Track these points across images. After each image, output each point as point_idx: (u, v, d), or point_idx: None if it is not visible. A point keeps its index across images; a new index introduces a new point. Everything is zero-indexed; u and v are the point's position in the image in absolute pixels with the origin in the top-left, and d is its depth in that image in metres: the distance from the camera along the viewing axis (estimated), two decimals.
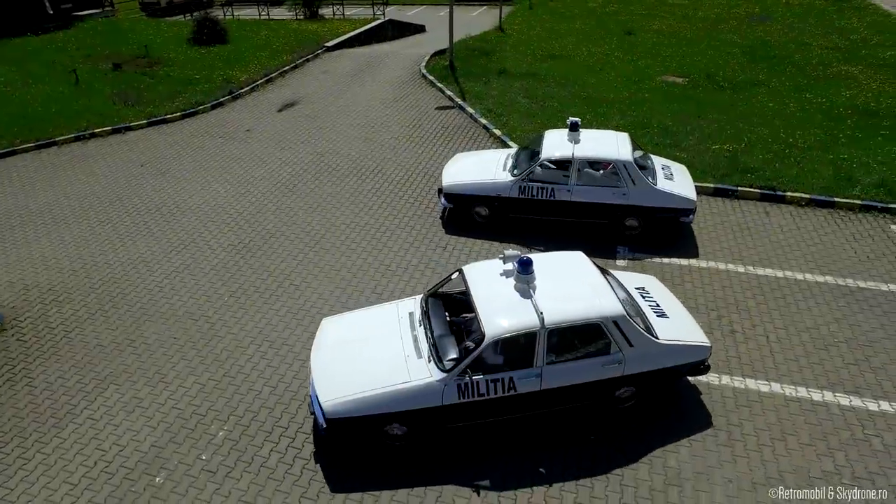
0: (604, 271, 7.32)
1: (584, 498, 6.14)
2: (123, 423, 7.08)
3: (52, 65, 21.14)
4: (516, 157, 11.23)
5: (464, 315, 7.26)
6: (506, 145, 14.51)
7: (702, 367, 7.04)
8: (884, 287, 9.33)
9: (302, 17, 30.02)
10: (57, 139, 15.17)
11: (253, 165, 13.75)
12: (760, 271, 9.79)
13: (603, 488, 6.24)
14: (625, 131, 12.05)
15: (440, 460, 6.53)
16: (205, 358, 8.04)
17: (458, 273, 7.22)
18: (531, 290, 6.59)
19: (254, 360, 7.98)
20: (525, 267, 6.61)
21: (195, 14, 25.62)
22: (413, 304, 7.31)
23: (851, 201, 11.72)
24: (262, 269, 9.91)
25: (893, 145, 14.55)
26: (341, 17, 31.39)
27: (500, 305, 6.48)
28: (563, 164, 10.29)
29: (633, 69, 21.88)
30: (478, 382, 6.28)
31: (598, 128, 15.43)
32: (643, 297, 7.46)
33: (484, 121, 15.92)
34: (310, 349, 8.04)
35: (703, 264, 9.95)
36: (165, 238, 10.89)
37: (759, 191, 12.11)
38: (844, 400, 7.29)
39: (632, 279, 7.96)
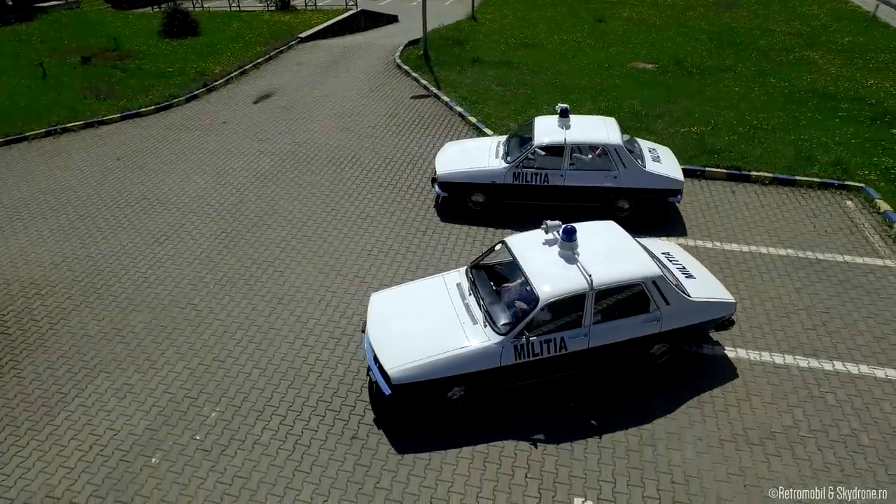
0: (634, 237, 7.81)
1: (565, 459, 6.51)
2: (116, 408, 7.23)
3: (17, 58, 20.70)
4: (507, 144, 11.45)
5: (505, 284, 7.63)
6: (481, 132, 14.80)
7: (727, 323, 7.65)
8: (839, 258, 9.88)
9: (273, 8, 29.74)
10: (27, 134, 14.98)
11: (231, 157, 13.80)
12: (727, 246, 10.27)
13: (582, 450, 6.62)
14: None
15: (494, 418, 6.97)
16: (193, 344, 8.20)
17: (500, 244, 7.71)
18: (576, 256, 7.11)
19: (242, 344, 8.17)
20: (569, 235, 7.15)
21: (164, 6, 25.21)
22: (459, 276, 7.79)
23: (811, 179, 12.30)
24: (245, 258, 10.07)
25: (850, 126, 15.22)
26: (313, 7, 31.20)
27: (549, 271, 6.98)
28: (555, 150, 10.57)
29: (604, 56, 22.30)
30: (532, 343, 6.77)
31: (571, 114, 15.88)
32: (670, 261, 8.08)
33: (459, 108, 16.17)
34: (295, 333, 8.35)
35: (673, 241, 10.40)
36: (147, 230, 10.94)
37: (725, 171, 12.61)
38: (803, 362, 7.79)
39: (657, 245, 8.58)
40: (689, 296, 7.29)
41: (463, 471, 6.39)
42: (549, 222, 7.35)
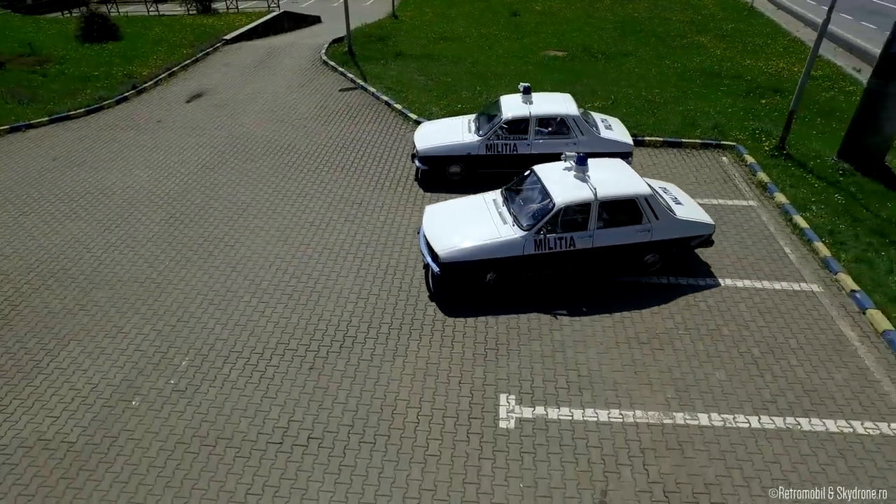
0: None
1: (491, 367, 7.83)
2: (91, 367, 7.97)
3: None
4: (478, 121, 12.80)
5: (530, 198, 9.33)
6: (407, 118, 16.02)
7: (707, 242, 9.57)
8: (715, 202, 11.78)
9: (195, 11, 29.81)
10: None
11: (170, 152, 14.39)
12: None
13: (504, 360, 7.96)
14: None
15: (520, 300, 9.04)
16: (157, 310, 8.99)
17: (529, 170, 9.75)
18: (586, 178, 9.12)
19: (203, 306, 9.04)
20: (582, 161, 9.22)
21: (80, 10, 24.91)
22: (495, 194, 9.92)
23: (694, 141, 14.29)
24: (196, 236, 10.85)
25: (729, 98, 17.48)
26: (235, 10, 31.44)
27: (564, 185, 9.03)
28: (521, 122, 12.00)
29: (519, 46, 24.03)
30: (548, 239, 8.79)
31: (486, 96, 17.39)
32: (665, 192, 10.03)
33: (385, 98, 17.32)
34: (251, 293, 9.33)
35: None
36: (95, 220, 11.49)
37: (575, 156, 14.37)
38: (683, 280, 9.48)
39: (657, 182, 10.49)
40: (675, 214, 9.24)
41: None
42: (567, 153, 9.49)
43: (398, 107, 16.63)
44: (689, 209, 9.70)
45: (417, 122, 15.68)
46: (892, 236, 10.58)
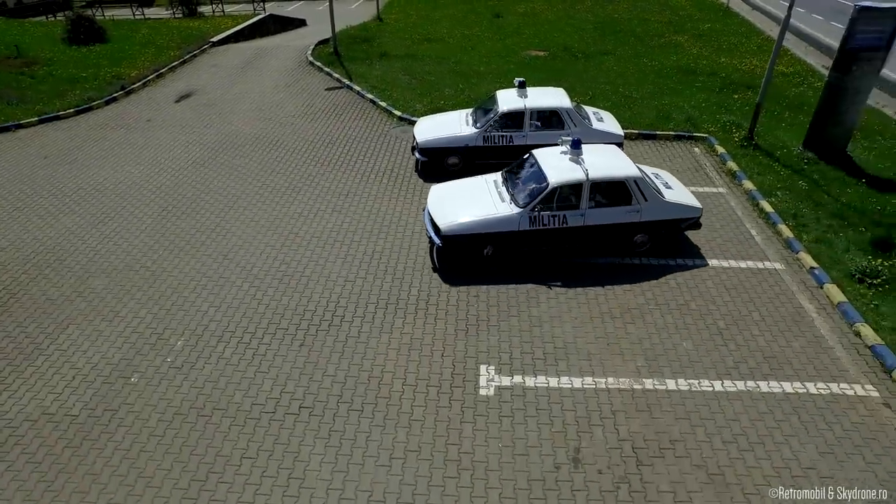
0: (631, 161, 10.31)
1: (472, 341, 8.29)
2: (90, 348, 8.32)
3: None
4: (475, 115, 13.34)
5: (528, 179, 9.94)
6: (391, 114, 16.49)
7: (695, 224, 10.09)
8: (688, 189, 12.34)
9: (181, 15, 30.10)
10: None
11: (161, 149, 14.73)
12: None
13: (485, 335, 8.43)
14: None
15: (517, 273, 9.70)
16: (152, 295, 9.36)
17: (528, 154, 10.32)
18: (580, 160, 9.71)
19: (196, 291, 9.42)
20: (576, 144, 9.89)
21: (67, 13, 25.13)
22: (496, 176, 10.57)
23: (668, 133, 14.89)
24: (189, 227, 11.23)
25: (703, 94, 18.14)
26: (221, 14, 31.76)
27: (559, 166, 9.66)
28: (517, 115, 12.53)
29: (501, 46, 24.59)
30: (542, 216, 9.42)
31: (469, 94, 17.91)
32: (656, 178, 10.62)
33: (370, 96, 17.78)
34: (242, 278, 9.73)
35: None
36: (89, 214, 11.82)
37: (571, 140, 14.95)
38: (654, 261, 10.02)
39: (651, 169, 11.06)
40: (664, 197, 9.84)
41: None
42: (563, 138, 10.14)
43: (383, 104, 17.09)
44: (678, 193, 10.29)
45: (401, 119, 16.15)
46: (851, 219, 11.20)
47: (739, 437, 6.95)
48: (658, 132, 14.94)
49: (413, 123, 15.60)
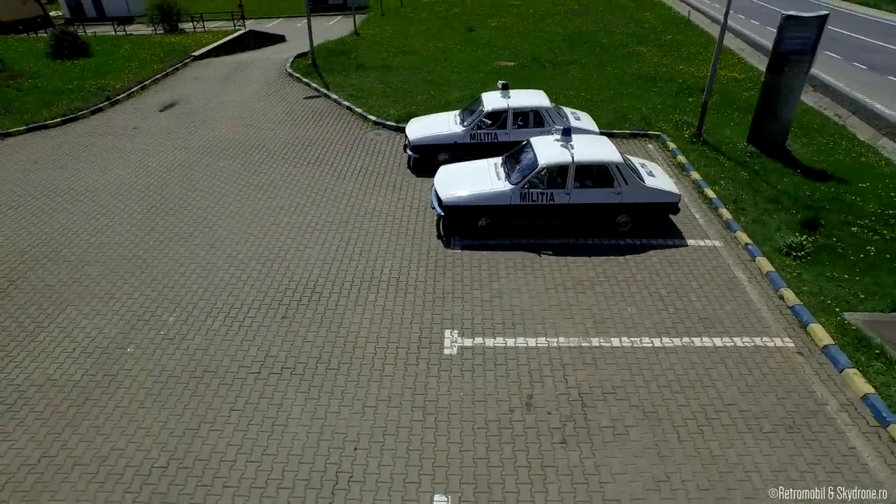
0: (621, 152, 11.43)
1: (438, 309, 9.18)
2: (88, 325, 9.05)
3: None
4: (462, 115, 14.50)
5: (523, 162, 11.18)
6: (366, 119, 17.46)
7: (674, 209, 11.11)
8: None
9: (162, 31, 30.91)
10: None
11: (148, 154, 15.50)
12: None
13: (450, 305, 9.33)
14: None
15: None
16: (145, 280, 10.12)
17: (526, 141, 11.59)
18: (570, 147, 10.92)
19: (186, 275, 10.20)
20: (566, 132, 11.20)
21: (49, 30, 25.83)
22: (497, 159, 11.93)
23: (624, 131, 16.05)
24: (177, 221, 12.01)
25: (660, 98, 19.42)
26: (202, 30, 32.63)
27: (549, 150, 10.91)
28: (500, 114, 13.70)
29: (473, 57, 25.81)
30: (532, 192, 10.68)
31: (440, 99, 18.97)
32: (642, 167, 11.70)
33: (346, 103, 18.76)
34: (229, 263, 10.52)
35: None
36: (80, 211, 12.54)
37: (562, 128, 16.09)
38: (606, 241, 11.03)
39: (638, 159, 12.24)
40: (644, 182, 10.92)
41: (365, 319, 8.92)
42: (555, 128, 11.47)
43: (358, 110, 18.07)
44: (659, 181, 11.32)
45: (376, 123, 17.13)
46: (784, 203, 12.35)
47: (673, 382, 7.90)
48: (615, 130, 16.09)
49: (387, 127, 16.60)
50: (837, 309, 9.11)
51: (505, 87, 14.30)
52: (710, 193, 12.72)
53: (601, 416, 7.38)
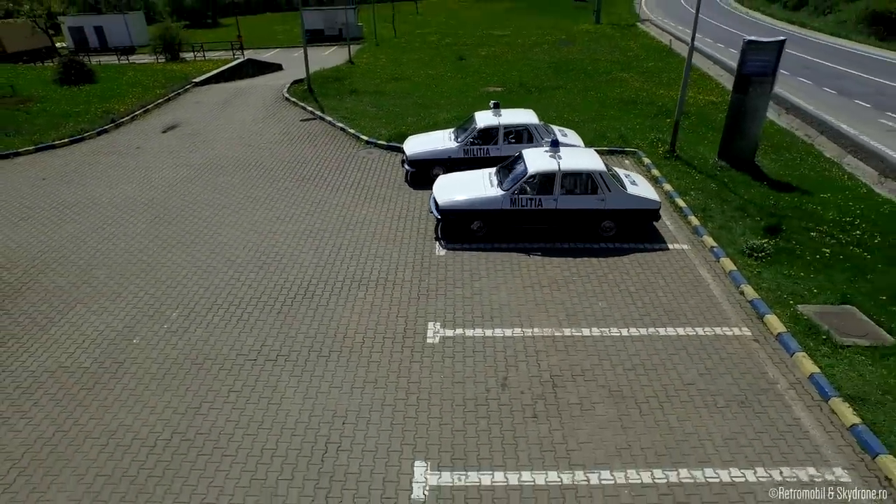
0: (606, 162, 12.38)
1: (422, 304, 9.88)
2: (97, 320, 9.71)
3: None
4: (456, 132, 15.48)
5: (513, 172, 12.11)
6: (359, 139, 18.40)
7: (656, 216, 11.98)
8: None
9: (164, 60, 32.13)
10: None
11: (151, 170, 16.33)
12: None
13: (433, 301, 10.04)
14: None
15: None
16: (149, 282, 10.81)
17: (519, 153, 12.46)
18: (557, 157, 11.84)
19: (187, 277, 10.90)
20: (555, 144, 12.25)
21: (56, 58, 26.95)
22: (491, 170, 12.84)
23: (602, 148, 16.99)
24: (180, 230, 12.76)
25: (639, 119, 20.47)
26: (202, 58, 33.89)
27: (538, 160, 11.84)
28: (492, 131, 14.69)
29: (462, 84, 26.99)
30: (522, 198, 11.56)
31: (429, 120, 19.96)
32: (626, 177, 12.57)
33: (340, 125, 19.72)
34: (228, 266, 11.23)
35: None
36: (87, 222, 13.28)
37: (550, 141, 17.04)
38: (581, 245, 11.82)
39: (623, 171, 13.14)
40: (626, 190, 11.75)
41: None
42: (545, 140, 12.53)
43: (352, 131, 19.02)
44: (641, 189, 12.19)
45: (368, 143, 18.06)
46: (750, 211, 13.20)
47: (637, 366, 8.59)
48: (594, 147, 17.01)
49: (378, 146, 17.52)
50: (792, 302, 9.86)
51: (496, 107, 15.29)
52: (681, 203, 13.57)
53: (570, 395, 8.04)
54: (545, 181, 11.58)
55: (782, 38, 14.65)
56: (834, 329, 9.10)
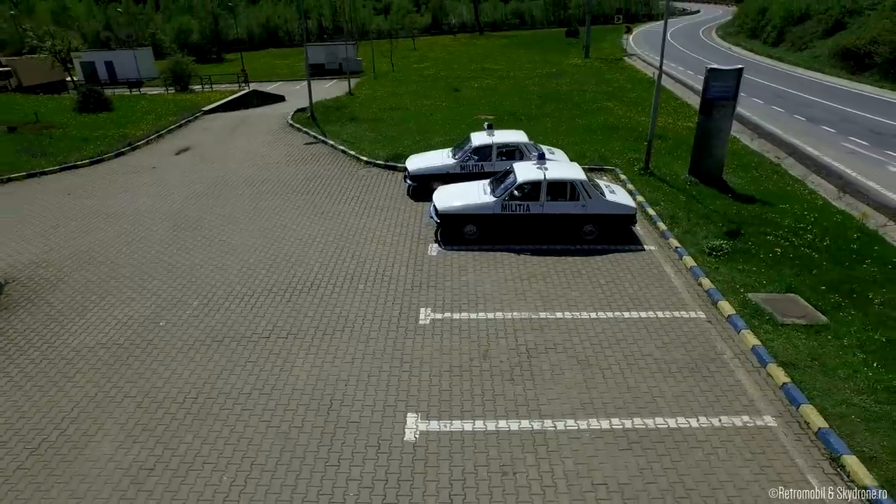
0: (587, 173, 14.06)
1: (416, 295, 11.14)
2: (126, 308, 10.94)
3: None
4: (454, 150, 17.06)
5: (504, 182, 13.59)
6: (359, 160, 19.90)
7: (632, 220, 13.40)
8: None
9: (174, 90, 33.97)
10: None
11: (166, 186, 17.74)
12: None
13: (425, 292, 11.30)
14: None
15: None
16: (171, 277, 12.08)
17: (510, 166, 13.90)
18: (543, 168, 13.29)
19: (206, 273, 12.17)
20: (541, 157, 13.85)
21: (73, 91, 28.69)
22: (486, 181, 14.28)
23: (582, 166, 18.41)
24: (196, 235, 14.09)
25: (620, 142, 22.05)
26: (210, 89, 35.76)
27: (526, 170, 13.34)
28: (486, 149, 16.29)
29: (456, 113, 28.71)
30: (512, 203, 13.03)
31: (424, 143, 21.51)
32: (605, 186, 14.03)
33: (341, 147, 21.26)
34: (240, 265, 12.49)
35: None
36: (112, 230, 14.60)
37: (538, 154, 18.52)
38: (559, 247, 13.15)
39: (604, 182, 14.81)
40: (605, 197, 13.19)
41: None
42: (533, 154, 14.17)
43: (352, 153, 20.55)
44: (619, 197, 13.66)
45: (367, 163, 19.55)
46: (714, 219, 14.58)
47: (603, 341, 9.81)
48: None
49: (377, 165, 19.00)
50: (743, 291, 11.15)
51: (490, 127, 16.89)
52: (651, 212, 14.97)
53: (542, 363, 9.25)
54: (532, 189, 13.02)
55: (740, 66, 16.30)
56: (777, 312, 10.37)
